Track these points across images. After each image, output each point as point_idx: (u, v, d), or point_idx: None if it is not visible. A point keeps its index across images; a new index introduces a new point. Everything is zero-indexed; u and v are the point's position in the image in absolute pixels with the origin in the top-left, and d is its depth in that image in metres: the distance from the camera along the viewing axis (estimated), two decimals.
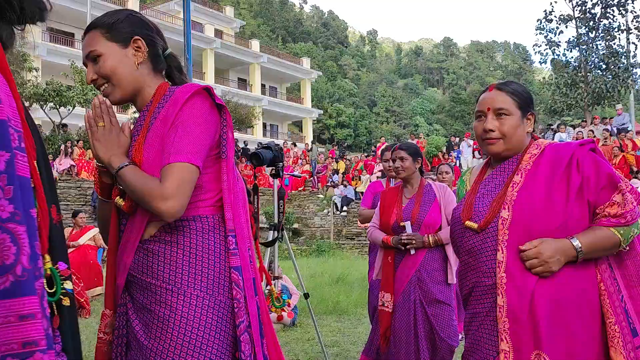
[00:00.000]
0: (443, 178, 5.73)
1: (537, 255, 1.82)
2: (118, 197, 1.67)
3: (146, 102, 1.75)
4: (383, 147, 7.73)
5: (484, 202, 2.01)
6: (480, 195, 2.04)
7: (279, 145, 3.93)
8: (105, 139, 1.64)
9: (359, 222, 4.04)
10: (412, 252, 3.55)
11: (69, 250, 8.17)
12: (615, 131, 17.32)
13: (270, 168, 3.86)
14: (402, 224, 3.63)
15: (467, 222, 1.99)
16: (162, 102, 1.69)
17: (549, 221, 1.86)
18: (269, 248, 3.93)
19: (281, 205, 3.82)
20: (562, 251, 1.82)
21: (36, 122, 1.69)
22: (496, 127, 1.98)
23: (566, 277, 1.85)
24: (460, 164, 19.62)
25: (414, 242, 3.54)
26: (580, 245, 1.83)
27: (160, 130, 1.62)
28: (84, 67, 1.75)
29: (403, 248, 3.59)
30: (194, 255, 1.60)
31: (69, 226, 11.72)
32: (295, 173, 18.31)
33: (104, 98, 1.68)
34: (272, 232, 3.85)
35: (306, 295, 4.11)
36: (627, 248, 1.89)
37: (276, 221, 3.84)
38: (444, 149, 22.02)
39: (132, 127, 1.76)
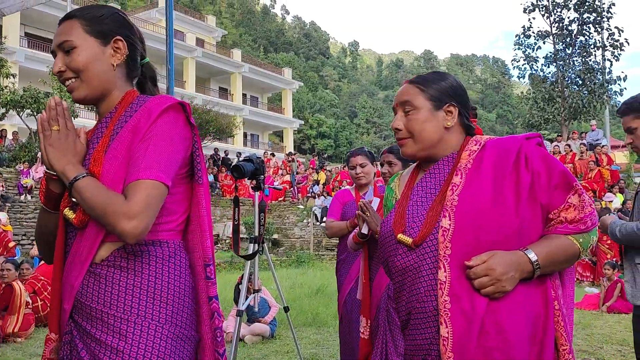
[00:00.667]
0: (383, 172, 5.27)
1: (487, 272, 1.49)
2: (67, 208, 1.49)
3: (111, 107, 1.59)
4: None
5: (418, 211, 1.68)
6: (413, 204, 1.71)
7: (260, 157, 3.92)
8: (59, 145, 1.46)
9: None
10: (364, 229, 3.00)
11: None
12: (589, 146, 17.63)
13: (251, 180, 3.84)
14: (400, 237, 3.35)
15: (400, 236, 1.65)
16: (130, 111, 1.54)
17: (499, 228, 1.54)
18: (249, 261, 3.90)
19: (262, 218, 3.80)
20: (516, 266, 1.52)
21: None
22: (403, 125, 1.72)
23: (520, 298, 1.54)
24: None
25: (367, 213, 2.97)
26: (536, 258, 1.53)
27: (127, 140, 1.47)
28: None
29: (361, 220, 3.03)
30: (153, 283, 1.44)
31: None
32: (276, 185, 18.26)
33: (61, 100, 1.50)
34: (252, 245, 3.83)
35: (286, 309, 4.09)
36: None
37: (257, 234, 3.82)
38: None
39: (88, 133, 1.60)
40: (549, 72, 24.24)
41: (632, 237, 2.68)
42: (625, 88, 23.67)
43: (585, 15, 23.27)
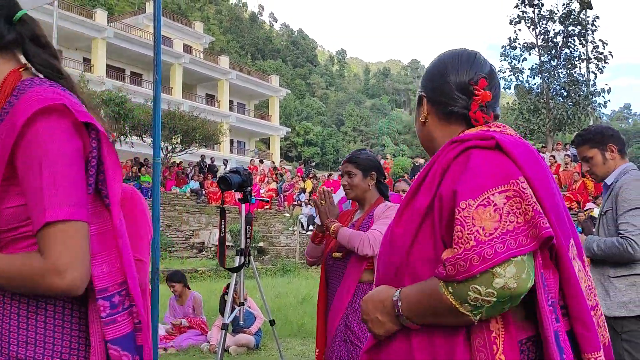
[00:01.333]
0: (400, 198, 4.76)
1: (361, 308, 1.33)
2: None
3: None
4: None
5: None
6: None
7: (247, 169, 3.88)
8: None
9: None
10: (316, 219, 2.84)
11: None
12: (573, 157, 17.79)
13: (239, 192, 3.81)
14: (334, 254, 2.81)
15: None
16: (7, 106, 1.17)
17: (389, 265, 1.30)
18: (235, 273, 3.86)
19: (248, 231, 3.76)
20: (380, 306, 1.26)
21: None
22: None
23: (404, 348, 1.23)
24: None
25: (323, 202, 2.81)
26: (399, 297, 1.22)
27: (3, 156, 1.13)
28: None
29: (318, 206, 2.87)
30: (25, 326, 1.14)
31: None
32: (264, 198, 18.20)
33: None
34: (238, 257, 3.78)
35: (272, 322, 4.05)
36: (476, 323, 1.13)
37: (243, 246, 3.78)
38: (410, 171, 22.28)
39: None
40: (535, 84, 24.57)
41: (613, 251, 2.76)
42: (609, 100, 24.05)
43: (570, 28, 23.62)
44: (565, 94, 23.48)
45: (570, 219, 1.31)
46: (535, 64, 24.46)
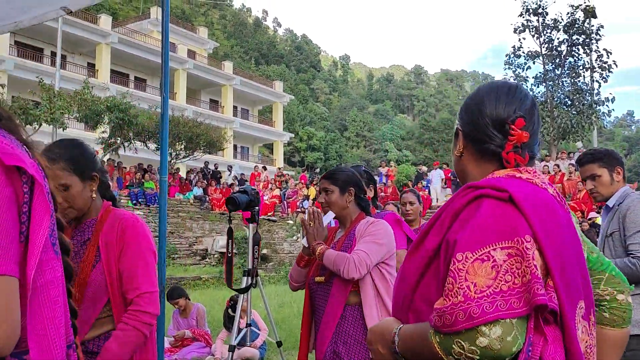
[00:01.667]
0: (407, 210, 4.54)
1: (368, 338, 1.36)
2: None
3: None
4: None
5: None
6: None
7: (254, 189, 3.88)
8: None
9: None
10: (304, 241, 2.72)
11: None
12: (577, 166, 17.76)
13: (247, 212, 3.81)
14: (317, 279, 2.69)
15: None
16: None
17: (401, 305, 1.31)
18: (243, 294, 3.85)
19: (256, 251, 3.75)
20: (381, 338, 1.29)
21: None
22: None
23: None
24: (430, 194, 19.77)
25: (312, 223, 2.69)
26: (397, 332, 1.25)
27: None
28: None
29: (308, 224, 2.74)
30: None
31: None
32: (271, 217, 18.19)
33: None
34: (246, 278, 3.78)
35: (279, 344, 4.02)
36: None
37: (250, 267, 3.77)
38: (414, 179, 22.21)
39: None
40: (539, 92, 24.52)
41: (626, 271, 2.78)
42: (613, 109, 24.02)
43: (574, 37, 23.61)
44: (569, 102, 23.45)
45: (587, 275, 1.30)
46: (540, 72, 24.47)
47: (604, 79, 23.17)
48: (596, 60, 23.26)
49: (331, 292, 2.59)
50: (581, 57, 23.74)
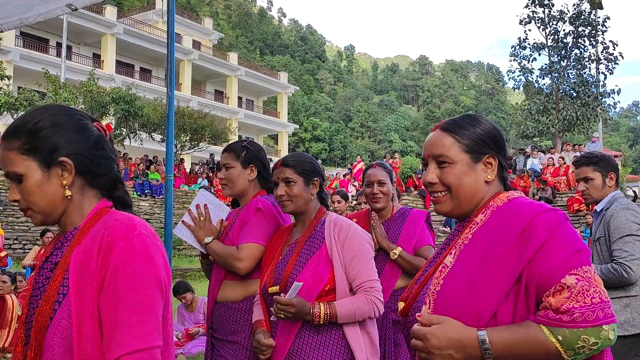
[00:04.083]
0: (374, 193, 3.10)
1: (424, 337, 1.33)
2: None
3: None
4: (359, 166, 6.70)
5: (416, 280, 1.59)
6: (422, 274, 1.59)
7: None
8: None
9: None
10: (272, 317, 2.24)
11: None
12: None
13: None
14: (270, 289, 2.26)
15: (400, 303, 1.58)
16: None
17: (476, 315, 1.33)
18: None
19: None
20: (458, 345, 1.30)
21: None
22: (437, 178, 1.49)
23: None
24: None
25: (289, 313, 2.11)
26: (488, 340, 1.28)
27: None
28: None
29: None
30: None
31: (37, 244, 11.51)
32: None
33: None
34: None
35: None
36: None
37: None
38: (418, 171, 22.18)
39: None
40: (544, 84, 24.41)
41: (610, 276, 2.95)
42: (619, 101, 23.88)
43: (580, 29, 23.46)
44: (574, 94, 23.34)
45: None
46: (545, 64, 24.33)
47: (609, 71, 23.04)
48: (602, 52, 23.14)
49: None
50: (587, 49, 23.61)
